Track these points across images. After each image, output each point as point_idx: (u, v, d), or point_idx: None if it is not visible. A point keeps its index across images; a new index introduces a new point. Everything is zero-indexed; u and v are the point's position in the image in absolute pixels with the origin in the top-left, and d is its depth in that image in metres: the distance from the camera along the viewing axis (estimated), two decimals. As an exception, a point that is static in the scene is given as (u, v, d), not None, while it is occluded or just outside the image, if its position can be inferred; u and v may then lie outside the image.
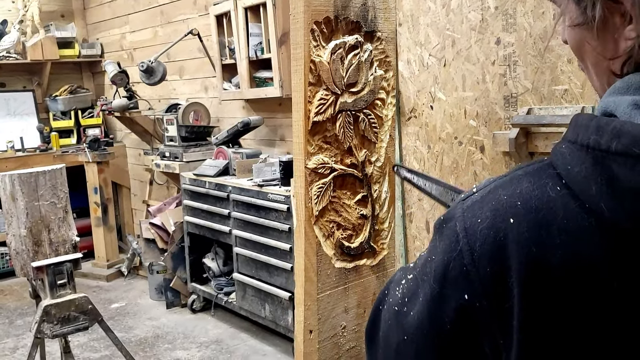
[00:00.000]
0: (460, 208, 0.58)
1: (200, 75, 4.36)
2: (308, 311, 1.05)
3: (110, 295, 4.51)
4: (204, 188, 3.60)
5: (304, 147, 1.02)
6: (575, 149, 0.53)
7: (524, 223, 0.53)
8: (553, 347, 0.52)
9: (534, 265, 0.51)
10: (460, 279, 0.56)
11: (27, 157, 4.99)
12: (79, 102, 5.52)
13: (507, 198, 0.55)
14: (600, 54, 0.58)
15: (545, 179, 0.54)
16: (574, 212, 0.51)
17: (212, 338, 3.60)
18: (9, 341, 3.70)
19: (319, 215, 1.08)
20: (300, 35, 0.99)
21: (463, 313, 0.56)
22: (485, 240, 0.54)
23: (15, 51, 5.17)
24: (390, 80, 1.15)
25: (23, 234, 2.54)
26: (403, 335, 0.63)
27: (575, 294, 0.51)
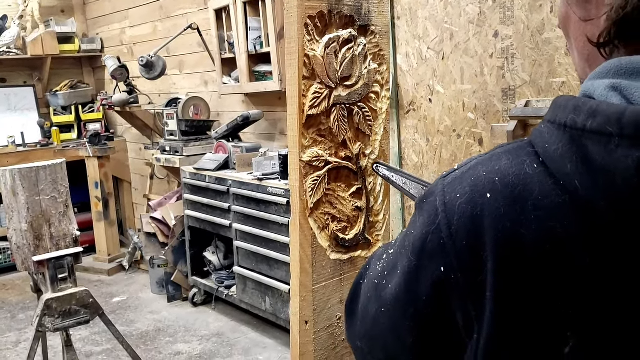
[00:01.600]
0: (441, 184, 0.60)
1: (200, 69, 4.36)
2: (304, 302, 1.07)
3: (112, 289, 4.54)
4: (204, 182, 3.61)
5: (299, 140, 1.04)
6: (554, 128, 0.54)
7: (500, 198, 0.54)
8: (524, 319, 0.53)
9: (508, 240, 0.53)
10: (437, 251, 0.57)
11: (28, 152, 5.00)
12: (80, 97, 5.53)
13: (485, 174, 0.56)
14: (581, 18, 0.59)
15: (523, 156, 0.56)
16: (549, 189, 0.53)
17: (213, 331, 3.62)
18: (11, 335, 3.73)
19: (313, 207, 1.09)
20: (294, 30, 1.00)
21: (438, 285, 0.57)
22: (462, 214, 0.56)
23: (16, 46, 5.17)
24: (385, 74, 1.16)
25: (24, 229, 2.56)
26: (381, 307, 0.65)
27: (547, 268, 0.52)
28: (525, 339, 0.53)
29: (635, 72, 0.53)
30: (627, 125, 0.48)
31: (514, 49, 2.53)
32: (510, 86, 2.58)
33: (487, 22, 2.61)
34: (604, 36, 0.56)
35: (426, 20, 2.86)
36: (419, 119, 3.00)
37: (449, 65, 2.80)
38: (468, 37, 2.69)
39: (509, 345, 0.54)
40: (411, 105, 3.03)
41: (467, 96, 2.76)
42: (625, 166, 0.48)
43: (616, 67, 0.54)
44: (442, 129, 2.90)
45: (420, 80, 2.96)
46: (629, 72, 0.53)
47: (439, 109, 2.90)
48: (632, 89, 0.52)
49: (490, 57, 2.63)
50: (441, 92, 2.87)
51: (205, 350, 3.38)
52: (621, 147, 0.48)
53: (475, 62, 2.69)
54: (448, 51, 2.80)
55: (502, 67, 2.59)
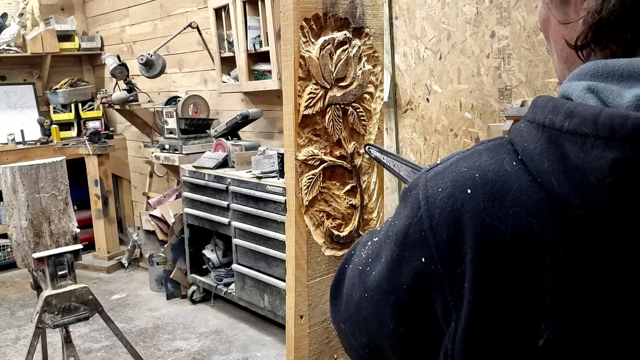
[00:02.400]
0: (424, 178, 0.63)
1: (200, 68, 4.38)
2: (299, 297, 1.09)
3: (111, 286, 4.56)
4: (203, 180, 3.64)
5: (294, 139, 1.06)
6: (533, 128, 0.56)
7: (480, 194, 0.56)
8: (500, 310, 0.55)
9: (486, 234, 0.55)
10: (418, 243, 0.59)
11: (28, 150, 5.02)
12: (79, 95, 5.55)
13: (466, 170, 0.59)
14: (560, 21, 0.62)
15: (503, 154, 0.58)
16: (527, 186, 0.55)
17: (212, 328, 3.64)
18: (10, 332, 3.75)
19: (309, 205, 1.12)
20: (290, 32, 1.03)
21: (419, 275, 0.60)
22: (443, 208, 0.58)
23: (16, 44, 5.19)
24: (379, 75, 1.18)
25: (24, 226, 2.58)
26: (364, 293, 0.68)
27: (523, 262, 0.54)
28: (500, 329, 0.56)
29: (610, 74, 0.55)
30: (602, 126, 0.50)
31: (510, 49, 2.55)
32: (506, 86, 2.61)
33: (483, 22, 2.63)
34: (581, 39, 0.58)
35: (424, 20, 2.89)
36: (417, 118, 3.02)
37: (446, 65, 2.83)
38: (465, 37, 2.72)
39: (484, 335, 0.56)
40: (409, 105, 3.05)
41: (464, 96, 2.78)
42: (599, 166, 0.50)
43: (593, 69, 0.56)
44: (440, 128, 2.93)
45: (417, 80, 2.98)
46: (605, 75, 0.55)
47: (436, 109, 2.92)
48: (608, 92, 0.54)
49: (486, 57, 2.65)
50: (438, 92, 2.89)
51: (204, 347, 3.41)
52: (596, 148, 0.50)
53: (472, 62, 2.71)
54: (445, 51, 2.82)
55: (499, 67, 2.61)
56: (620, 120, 0.49)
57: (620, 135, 0.49)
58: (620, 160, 0.49)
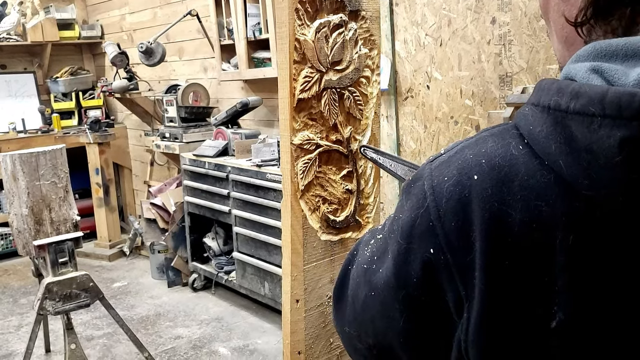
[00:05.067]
0: (428, 168, 0.62)
1: (200, 56, 4.37)
2: (295, 281, 1.09)
3: (113, 274, 4.57)
4: (204, 168, 3.64)
5: (290, 123, 1.06)
6: (538, 111, 0.55)
7: (487, 180, 0.56)
8: (512, 296, 0.55)
9: (495, 220, 0.54)
10: (426, 233, 0.59)
11: (29, 139, 5.02)
12: (80, 84, 5.54)
13: (472, 157, 0.58)
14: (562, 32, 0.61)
15: (508, 138, 0.57)
16: (534, 169, 0.54)
17: (213, 316, 3.66)
18: (13, 319, 3.77)
19: (304, 189, 1.11)
20: (285, 15, 1.02)
21: (428, 266, 0.59)
22: (450, 196, 0.57)
23: (16, 33, 5.17)
24: (375, 59, 1.17)
25: (24, 213, 2.58)
26: (370, 291, 0.67)
27: (534, 246, 0.53)
28: (513, 315, 0.55)
29: (614, 54, 0.54)
30: (609, 105, 0.49)
31: (511, 36, 2.53)
32: (507, 73, 2.59)
33: (484, 8, 2.61)
34: (581, 16, 0.57)
35: (424, 7, 2.87)
36: (417, 106, 3.01)
37: (447, 52, 2.81)
38: (466, 23, 2.70)
39: (498, 322, 0.55)
40: (409, 92, 3.04)
41: (464, 83, 2.77)
42: (608, 145, 0.49)
43: (596, 50, 0.55)
44: (440, 115, 2.92)
45: (418, 67, 2.97)
46: (608, 55, 0.54)
47: (436, 96, 2.91)
48: (613, 71, 0.53)
49: (487, 43, 2.64)
50: (439, 79, 2.88)
51: (205, 335, 3.42)
52: (603, 127, 0.49)
53: (473, 48, 2.70)
54: (446, 38, 2.80)
55: (500, 54, 2.60)
56: (627, 98, 0.49)
57: (628, 113, 0.48)
58: (629, 139, 0.48)
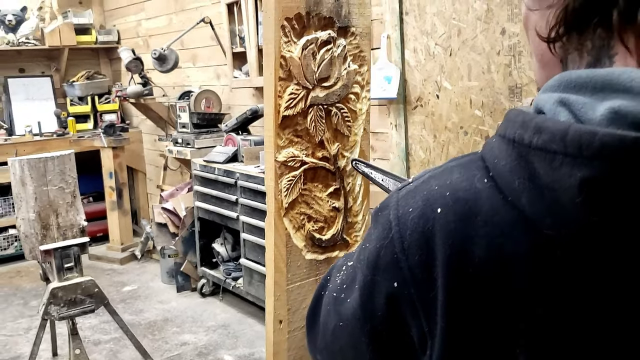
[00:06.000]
0: (395, 197, 0.60)
1: (213, 63, 4.39)
2: (278, 302, 1.08)
3: (123, 278, 4.60)
4: (213, 174, 3.64)
5: (274, 140, 1.04)
6: (503, 143, 0.54)
7: (451, 214, 0.54)
8: (474, 336, 0.53)
9: (457, 256, 0.53)
10: (391, 266, 0.57)
11: (45, 142, 5.08)
12: (96, 88, 5.60)
13: (437, 188, 0.56)
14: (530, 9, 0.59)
15: (474, 170, 0.55)
16: (498, 205, 0.52)
17: (220, 322, 3.66)
18: (23, 321, 3.81)
19: (288, 207, 1.10)
20: (270, 32, 1.01)
21: (392, 300, 0.57)
22: (415, 229, 0.56)
23: (34, 37, 5.25)
24: (365, 75, 1.16)
25: (32, 218, 2.61)
26: (339, 322, 0.65)
27: (495, 285, 0.52)
28: (475, 356, 0.53)
29: (583, 86, 0.52)
30: (570, 143, 0.47)
31: (521, 47, 2.50)
32: (517, 84, 2.56)
33: (494, 19, 2.58)
34: (553, 32, 0.55)
35: (434, 17, 2.85)
36: (426, 115, 2.99)
37: (457, 62, 2.79)
38: (475, 33, 2.67)
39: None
40: (418, 101, 3.02)
41: (474, 93, 2.74)
42: (569, 185, 0.47)
43: (566, 80, 0.53)
44: (450, 125, 2.89)
45: (427, 76, 2.94)
46: (577, 86, 0.52)
47: (446, 106, 2.88)
48: (580, 105, 0.51)
49: (497, 54, 2.61)
50: (448, 89, 2.85)
51: (211, 342, 3.42)
52: (565, 166, 0.48)
53: (483, 59, 2.67)
54: (455, 47, 2.78)
55: (509, 65, 2.56)
56: (588, 137, 0.47)
57: (588, 152, 0.46)
58: (589, 179, 0.46)
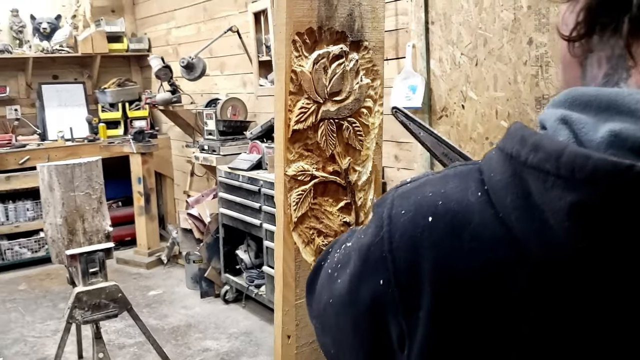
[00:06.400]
0: (392, 195, 0.60)
1: (240, 71, 4.42)
2: (286, 317, 1.07)
3: (149, 282, 4.65)
4: (238, 181, 3.67)
5: (284, 154, 1.04)
6: (501, 157, 0.53)
7: (441, 224, 0.53)
8: (454, 348, 0.52)
9: (443, 267, 0.52)
10: (378, 264, 0.57)
11: (76, 147, 5.19)
12: (127, 95, 5.70)
13: (431, 195, 0.55)
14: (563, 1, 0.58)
15: (469, 182, 0.55)
16: (488, 220, 0.51)
17: (242, 329, 3.67)
18: (51, 324, 3.88)
19: (298, 221, 1.09)
20: (282, 47, 1.01)
21: (376, 296, 0.57)
22: (404, 232, 0.55)
23: (68, 45, 5.37)
24: (378, 89, 1.15)
25: (59, 223, 2.66)
26: (329, 298, 0.67)
27: (479, 301, 0.51)
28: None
29: (587, 104, 0.50)
30: (564, 165, 0.46)
31: (549, 57, 2.46)
32: (544, 95, 2.52)
33: (521, 28, 2.55)
34: (574, 32, 0.54)
35: (460, 26, 2.82)
36: (452, 125, 2.96)
37: (482, 72, 2.75)
38: (502, 43, 2.64)
39: None
40: (444, 111, 2.99)
41: (500, 103, 2.70)
42: (559, 208, 0.46)
43: (572, 97, 0.52)
44: (475, 136, 2.85)
45: (453, 86, 2.92)
46: (582, 104, 0.51)
47: (471, 116, 2.85)
48: (582, 124, 0.50)
49: (524, 64, 2.57)
50: (474, 99, 2.82)
51: (233, 349, 3.44)
52: (556, 188, 0.46)
53: (509, 69, 2.63)
54: (481, 57, 2.75)
55: (536, 75, 2.52)
56: (581, 160, 0.45)
57: (580, 176, 0.45)
58: (579, 204, 0.45)
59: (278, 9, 1.00)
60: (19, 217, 5.05)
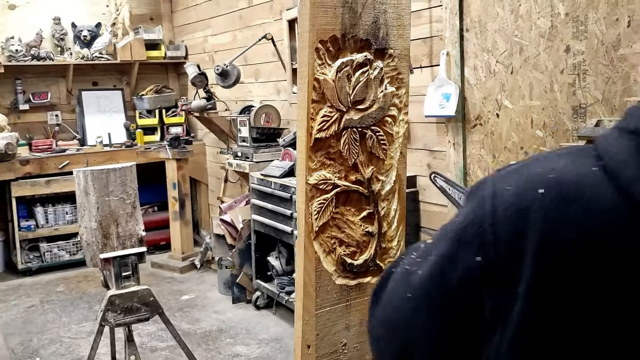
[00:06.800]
0: (491, 178, 0.59)
1: (274, 78, 4.45)
2: (306, 326, 1.06)
3: (183, 287, 4.70)
4: (270, 188, 3.68)
5: (306, 163, 1.04)
6: (621, 134, 0.52)
7: (552, 195, 0.52)
8: (556, 326, 0.50)
9: (551, 239, 0.51)
10: (477, 240, 0.56)
11: (114, 152, 5.30)
12: (164, 101, 5.79)
13: (541, 170, 0.55)
14: None
15: (583, 158, 0.54)
16: (605, 192, 0.50)
17: (272, 336, 3.67)
18: (86, 325, 3.95)
19: (319, 230, 1.08)
20: (304, 55, 1.01)
21: (470, 274, 0.56)
22: (509, 206, 0.54)
23: (107, 52, 5.50)
24: (403, 97, 1.13)
25: (93, 227, 2.71)
26: (406, 292, 0.64)
27: (590, 275, 0.49)
28: (556, 347, 0.50)
29: None
30: None
31: (586, 65, 2.40)
32: (581, 104, 2.46)
33: (558, 36, 2.49)
34: None
35: (495, 33, 2.78)
36: (486, 134, 2.91)
37: (518, 80, 2.70)
38: (538, 51, 2.59)
39: (535, 349, 0.51)
40: (478, 120, 2.95)
41: (535, 112, 2.65)
42: None
43: None
44: (509, 145, 2.80)
45: (487, 94, 2.87)
46: None
47: (506, 125, 2.80)
48: None
49: (560, 72, 2.51)
50: (509, 107, 2.77)
51: (263, 355, 3.44)
52: None
53: (545, 77, 2.58)
54: (517, 65, 2.70)
55: (573, 84, 2.46)
56: None
57: None
58: None
59: (301, 17, 0.99)
60: (58, 220, 5.18)
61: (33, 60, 5.16)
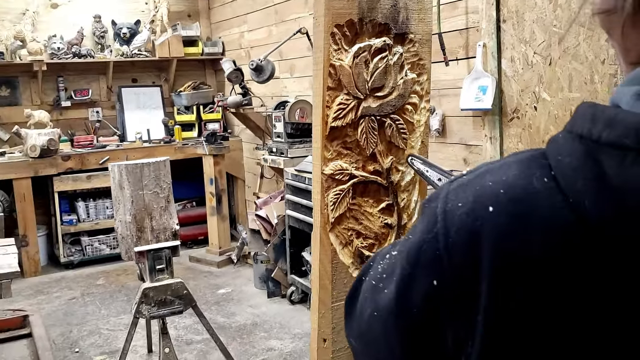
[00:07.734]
0: (445, 189, 0.56)
1: (309, 73, 4.43)
2: (322, 319, 1.04)
3: (219, 280, 4.75)
4: (304, 184, 3.67)
5: (321, 152, 1.01)
6: (570, 138, 0.49)
7: (503, 213, 0.49)
8: (518, 349, 0.48)
9: (507, 259, 0.48)
10: (432, 263, 0.53)
11: (152, 148, 5.38)
12: (201, 98, 5.85)
13: (491, 184, 0.52)
14: (621, 46, 0.52)
15: (534, 168, 0.51)
16: (557, 207, 0.47)
17: (306, 331, 3.66)
18: (124, 317, 4.03)
19: (335, 222, 1.05)
20: (320, 39, 0.98)
21: (430, 299, 0.53)
22: (461, 226, 0.51)
23: (146, 49, 5.59)
24: (424, 84, 1.09)
25: (128, 220, 2.75)
26: (374, 311, 0.62)
27: (548, 294, 0.46)
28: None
29: None
30: None
31: (629, 54, 2.30)
32: (623, 95, 2.36)
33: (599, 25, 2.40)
34: None
35: (533, 24, 2.69)
36: (523, 128, 2.83)
37: (557, 72, 2.61)
38: (578, 41, 2.49)
39: None
40: (515, 113, 2.87)
41: (575, 105, 2.55)
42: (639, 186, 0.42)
43: None
44: (547, 139, 2.71)
45: (525, 87, 2.79)
46: None
47: (544, 118, 2.71)
48: None
49: (601, 63, 2.41)
50: (547, 100, 2.68)
51: (296, 349, 3.44)
52: (637, 164, 0.42)
53: (585, 68, 2.48)
54: (556, 56, 2.61)
55: (615, 75, 2.37)
56: None
57: None
58: None
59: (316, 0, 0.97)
60: (98, 215, 5.29)
61: (74, 57, 5.28)
